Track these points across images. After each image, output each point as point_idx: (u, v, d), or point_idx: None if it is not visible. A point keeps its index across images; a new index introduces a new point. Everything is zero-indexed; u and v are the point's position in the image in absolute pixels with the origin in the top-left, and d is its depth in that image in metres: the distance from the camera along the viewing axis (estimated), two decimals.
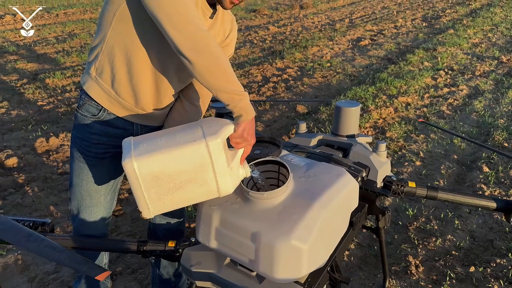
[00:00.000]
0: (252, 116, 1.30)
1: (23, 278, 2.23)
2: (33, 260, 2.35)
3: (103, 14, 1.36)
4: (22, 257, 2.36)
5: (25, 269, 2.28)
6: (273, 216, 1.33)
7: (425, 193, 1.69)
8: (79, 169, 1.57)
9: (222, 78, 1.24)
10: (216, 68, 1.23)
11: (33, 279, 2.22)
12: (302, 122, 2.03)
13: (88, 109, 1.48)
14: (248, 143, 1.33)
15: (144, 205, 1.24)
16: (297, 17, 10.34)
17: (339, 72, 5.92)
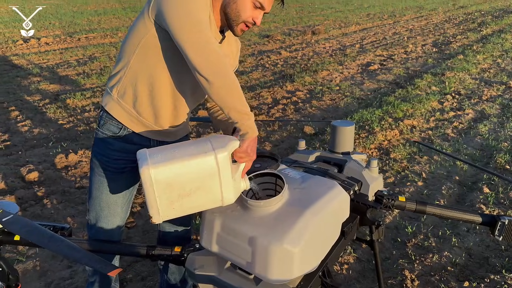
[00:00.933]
0: (256, 134, 1.47)
1: (41, 283, 2.39)
2: (50, 266, 2.52)
3: (127, 43, 1.54)
4: (40, 263, 2.53)
5: (42, 275, 2.44)
6: (268, 222, 1.47)
7: (414, 207, 1.81)
8: (99, 182, 1.73)
9: (234, 98, 1.40)
10: (230, 89, 1.39)
11: (50, 284, 2.37)
12: (301, 140, 2.18)
13: (109, 128, 1.64)
14: (250, 158, 1.49)
15: (155, 211, 1.37)
16: (309, 43, 10.61)
17: (347, 95, 6.09)
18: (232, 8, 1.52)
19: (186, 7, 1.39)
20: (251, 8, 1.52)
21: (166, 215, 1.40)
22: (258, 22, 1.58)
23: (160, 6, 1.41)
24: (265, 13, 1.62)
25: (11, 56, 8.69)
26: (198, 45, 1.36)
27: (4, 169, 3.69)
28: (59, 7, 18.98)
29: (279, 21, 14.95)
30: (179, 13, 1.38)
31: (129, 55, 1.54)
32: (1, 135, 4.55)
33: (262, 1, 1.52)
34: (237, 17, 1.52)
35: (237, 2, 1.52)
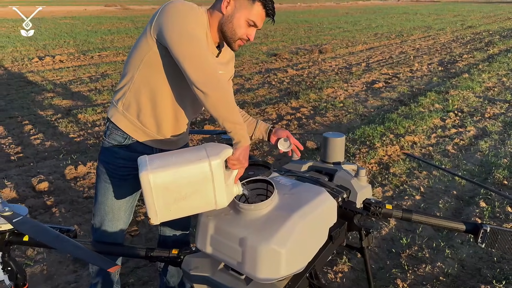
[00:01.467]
0: (248, 143, 1.61)
1: (47, 286, 2.50)
2: (56, 270, 2.63)
3: (131, 60, 1.70)
4: (47, 267, 2.65)
5: (49, 279, 2.56)
6: (258, 225, 1.58)
7: (401, 215, 1.91)
8: (104, 188, 1.86)
9: (228, 110, 1.55)
10: (224, 101, 1.54)
11: (56, 287, 2.49)
12: None
13: (115, 138, 1.79)
14: (242, 165, 1.62)
15: (153, 213, 1.48)
16: (315, 61, 10.80)
17: (351, 112, 6.20)
18: (229, 27, 1.68)
19: (184, 27, 1.54)
20: (245, 26, 1.69)
21: (163, 217, 1.51)
22: (251, 38, 1.75)
23: (161, 25, 1.56)
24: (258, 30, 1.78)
25: (26, 73, 9.00)
26: (195, 61, 1.51)
27: (16, 179, 3.86)
28: (74, 26, 19.56)
29: (287, 40, 15.23)
30: (178, 33, 1.53)
31: (133, 71, 1.69)
32: (15, 147, 4.74)
33: (255, 20, 1.69)
34: (233, 35, 1.69)
35: (233, 22, 1.68)
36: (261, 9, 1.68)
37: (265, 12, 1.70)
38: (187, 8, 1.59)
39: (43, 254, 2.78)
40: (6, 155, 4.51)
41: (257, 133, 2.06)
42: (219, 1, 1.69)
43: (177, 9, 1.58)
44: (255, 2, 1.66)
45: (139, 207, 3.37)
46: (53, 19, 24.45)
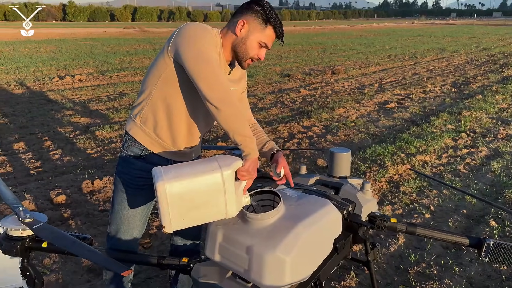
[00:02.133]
0: (256, 155, 1.70)
1: None
2: (71, 280, 2.72)
3: (149, 77, 1.83)
4: (63, 277, 2.74)
5: (64, 287, 2.64)
6: (264, 233, 1.66)
7: (405, 229, 1.96)
8: (121, 198, 1.97)
9: (238, 124, 1.66)
10: (235, 116, 1.65)
11: None
12: (303, 165, 2.37)
13: (132, 150, 1.90)
14: (251, 176, 1.71)
15: (168, 221, 1.56)
16: (328, 82, 10.92)
17: (362, 131, 6.26)
18: (242, 48, 1.82)
19: (199, 48, 1.67)
20: (257, 47, 1.83)
21: (177, 225, 1.58)
22: (262, 58, 1.88)
23: (177, 46, 1.70)
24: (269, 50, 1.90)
25: (47, 91, 9.32)
26: (209, 80, 1.64)
27: (35, 192, 4.00)
28: (94, 47, 20.18)
29: (301, 61, 15.44)
30: (193, 53, 1.66)
31: (151, 87, 1.82)
32: (34, 162, 4.91)
33: (266, 42, 1.81)
34: (245, 55, 1.82)
35: (246, 44, 1.81)
36: (272, 32, 1.81)
37: (275, 34, 1.82)
38: (201, 30, 1.73)
39: (59, 263, 2.88)
40: (26, 169, 4.68)
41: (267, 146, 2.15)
42: (232, 23, 1.81)
43: (192, 31, 1.71)
44: (267, 26, 1.78)
45: (151, 220, 3.46)
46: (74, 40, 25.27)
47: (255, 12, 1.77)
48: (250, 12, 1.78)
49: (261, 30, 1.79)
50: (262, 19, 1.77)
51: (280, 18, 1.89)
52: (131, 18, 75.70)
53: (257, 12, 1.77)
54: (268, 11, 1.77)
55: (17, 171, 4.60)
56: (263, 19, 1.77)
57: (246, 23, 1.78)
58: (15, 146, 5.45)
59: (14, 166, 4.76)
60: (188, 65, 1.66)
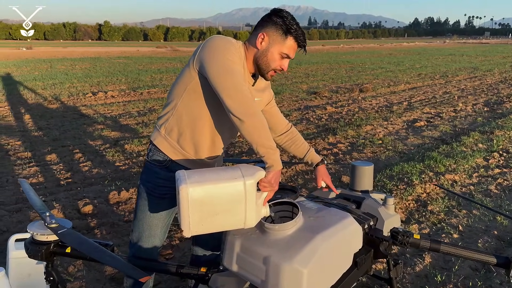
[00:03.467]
0: (280, 167, 1.70)
1: None
2: (93, 287, 2.76)
3: (175, 89, 1.88)
4: (85, 284, 2.79)
5: None
6: (282, 244, 1.64)
7: (429, 245, 1.90)
8: (144, 206, 2.01)
9: (262, 135, 1.67)
10: (258, 128, 1.66)
11: None
12: None
13: (156, 159, 1.93)
14: (272, 188, 1.71)
15: (187, 225, 1.56)
16: (355, 99, 10.84)
17: (390, 149, 6.15)
18: (263, 60, 1.84)
19: (223, 61, 1.71)
20: (279, 59, 1.84)
21: (195, 230, 1.58)
22: (285, 68, 1.89)
23: (202, 59, 1.74)
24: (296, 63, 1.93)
25: (80, 106, 9.65)
26: (232, 92, 1.67)
27: (64, 201, 4.12)
28: (126, 65, 20.85)
29: (328, 79, 15.42)
30: (217, 66, 1.70)
31: (177, 99, 1.86)
32: (65, 173, 5.07)
33: (288, 53, 1.83)
34: (267, 67, 1.84)
35: (267, 56, 1.83)
36: (293, 42, 1.82)
37: (297, 44, 1.84)
38: (225, 43, 1.76)
39: (82, 271, 2.93)
40: (56, 179, 4.83)
41: (307, 158, 2.21)
42: (254, 36, 1.84)
43: (217, 44, 1.75)
44: (287, 37, 1.80)
45: (173, 232, 3.49)
46: (108, 58, 26.20)
47: (274, 24, 1.79)
48: (270, 24, 1.81)
49: (281, 41, 1.80)
50: (282, 31, 1.79)
51: (308, 37, 1.90)
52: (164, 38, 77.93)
53: (276, 24, 1.79)
54: (288, 21, 1.78)
55: (48, 181, 4.76)
56: (283, 30, 1.79)
57: (266, 35, 1.80)
58: (48, 157, 5.64)
59: (46, 176, 4.93)
60: (212, 78, 1.69)
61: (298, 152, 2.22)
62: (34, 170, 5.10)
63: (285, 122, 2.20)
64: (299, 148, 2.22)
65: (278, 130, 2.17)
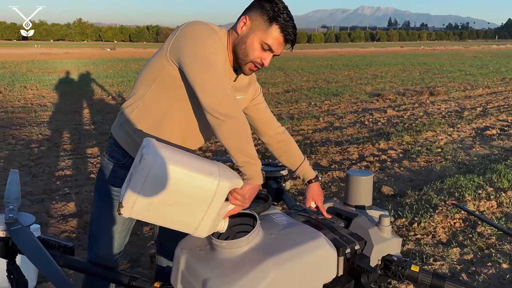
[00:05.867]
0: (259, 182, 1.41)
1: None
2: None
3: (142, 78, 1.61)
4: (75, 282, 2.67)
5: None
6: (227, 266, 1.35)
7: (429, 281, 1.49)
8: (100, 208, 1.78)
9: (242, 141, 1.38)
10: (241, 132, 1.37)
11: None
12: None
13: (114, 156, 1.70)
14: (243, 204, 1.40)
15: (131, 203, 1.25)
16: (422, 103, 9.97)
17: (448, 158, 5.45)
18: (241, 48, 1.55)
19: (201, 51, 1.43)
20: (259, 49, 1.53)
21: (137, 213, 1.27)
22: (266, 63, 1.57)
23: (178, 47, 1.47)
24: (275, 55, 1.59)
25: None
26: (210, 87, 1.38)
27: (85, 195, 4.10)
28: None
29: (397, 81, 14.48)
30: (194, 56, 1.42)
31: (144, 90, 1.60)
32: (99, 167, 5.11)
33: (270, 44, 1.52)
34: (245, 57, 1.54)
35: (246, 43, 1.53)
36: (278, 33, 1.50)
37: (283, 37, 1.51)
38: (206, 29, 1.49)
39: None
40: (88, 173, 4.87)
41: (299, 171, 1.87)
42: (237, 21, 1.56)
43: (196, 30, 1.47)
44: (272, 25, 1.49)
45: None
46: None
47: (261, 8, 1.50)
48: (255, 8, 1.52)
49: (264, 29, 1.50)
50: (267, 17, 1.49)
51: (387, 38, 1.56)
52: None
53: (263, 8, 1.50)
54: (278, 9, 1.48)
55: (80, 174, 4.80)
56: (268, 16, 1.48)
57: (248, 20, 1.52)
58: (89, 151, 5.75)
59: (80, 169, 4.98)
60: (188, 69, 1.42)
61: (290, 163, 1.87)
62: (71, 162, 5.20)
63: (276, 123, 1.86)
64: (291, 158, 1.86)
65: (266, 131, 1.83)
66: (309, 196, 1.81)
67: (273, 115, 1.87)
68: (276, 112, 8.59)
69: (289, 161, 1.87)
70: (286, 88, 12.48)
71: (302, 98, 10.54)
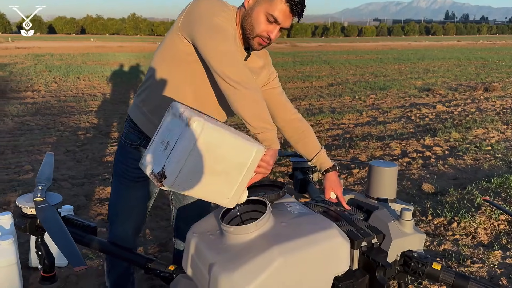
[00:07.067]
0: (277, 147, 1.42)
1: (96, 281, 2.59)
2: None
3: (156, 56, 1.65)
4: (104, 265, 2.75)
5: (100, 275, 2.65)
6: (233, 251, 1.33)
7: (452, 281, 1.39)
8: (117, 188, 1.84)
9: (257, 108, 1.39)
10: (253, 99, 1.39)
11: (101, 284, 2.56)
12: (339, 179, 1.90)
13: (130, 137, 1.74)
14: (266, 171, 1.39)
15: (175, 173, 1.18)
16: (475, 99, 9.41)
17: (498, 157, 5.10)
18: (248, 22, 1.54)
19: (214, 20, 1.45)
20: (264, 22, 1.52)
21: (178, 183, 1.21)
22: (272, 36, 1.55)
23: (189, 21, 1.49)
24: (284, 29, 1.55)
25: None
26: (223, 54, 1.40)
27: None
28: None
29: (450, 76, 13.76)
30: (207, 25, 1.44)
31: (157, 70, 1.63)
32: None
33: (276, 16, 1.49)
34: (251, 31, 1.53)
35: (252, 16, 1.53)
36: (283, 4, 1.48)
37: (289, 8, 1.48)
38: (217, 2, 1.52)
39: None
40: None
41: (315, 160, 1.79)
42: None
43: (208, 3, 1.50)
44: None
45: None
46: None
47: None
48: None
49: (269, 0, 1.48)
50: None
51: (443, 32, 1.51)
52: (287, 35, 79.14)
53: None
54: None
55: None
56: None
57: None
58: None
59: None
60: (200, 40, 1.44)
61: (306, 151, 1.80)
62: (114, 149, 5.38)
63: (293, 109, 1.80)
64: (307, 147, 1.79)
65: (281, 115, 1.78)
66: (328, 186, 1.74)
67: (290, 101, 1.82)
68: (318, 106, 8.44)
69: (305, 149, 1.80)
70: (331, 82, 12.23)
71: (346, 92, 10.28)
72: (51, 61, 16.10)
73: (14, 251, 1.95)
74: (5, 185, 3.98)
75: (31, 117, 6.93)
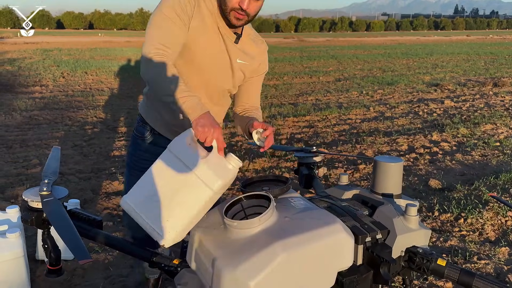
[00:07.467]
0: (198, 113, 1.43)
1: (102, 274, 2.61)
2: (116, 262, 2.74)
3: None
4: (110, 258, 2.77)
5: (106, 268, 2.67)
6: (236, 246, 1.33)
7: (457, 277, 1.39)
8: (128, 178, 1.91)
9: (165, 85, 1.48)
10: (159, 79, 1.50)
11: (107, 278, 2.58)
12: (344, 174, 1.89)
13: (139, 129, 1.84)
14: (208, 131, 1.40)
15: None
16: (484, 94, 9.31)
17: (507, 153, 5.05)
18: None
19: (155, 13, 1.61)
20: None
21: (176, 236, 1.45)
22: (244, 6, 1.57)
23: None
24: None
25: None
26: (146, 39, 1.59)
27: None
28: None
29: (459, 71, 13.62)
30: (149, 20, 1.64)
31: None
32: None
33: None
34: (226, 6, 1.59)
35: None
36: None
37: None
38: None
39: None
40: None
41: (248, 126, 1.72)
42: None
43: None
44: None
45: None
46: None
47: None
48: None
49: None
50: None
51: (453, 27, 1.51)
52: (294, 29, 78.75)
53: None
54: None
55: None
56: None
57: None
58: None
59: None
60: None
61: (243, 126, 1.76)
62: (121, 144, 5.40)
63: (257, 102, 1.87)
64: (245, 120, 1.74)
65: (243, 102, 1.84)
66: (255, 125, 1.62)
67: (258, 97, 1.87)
68: (325, 101, 8.40)
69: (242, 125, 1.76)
70: (338, 77, 12.16)
71: (353, 87, 10.22)
72: (59, 56, 16.19)
73: (21, 244, 1.97)
74: (13, 178, 4.03)
75: (39, 112, 6.98)
